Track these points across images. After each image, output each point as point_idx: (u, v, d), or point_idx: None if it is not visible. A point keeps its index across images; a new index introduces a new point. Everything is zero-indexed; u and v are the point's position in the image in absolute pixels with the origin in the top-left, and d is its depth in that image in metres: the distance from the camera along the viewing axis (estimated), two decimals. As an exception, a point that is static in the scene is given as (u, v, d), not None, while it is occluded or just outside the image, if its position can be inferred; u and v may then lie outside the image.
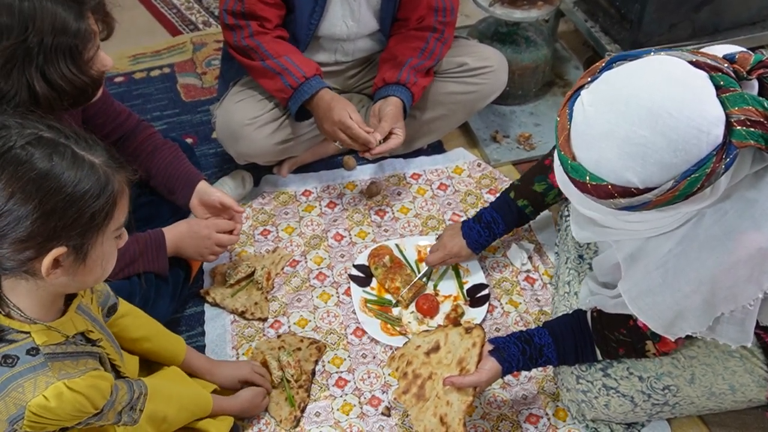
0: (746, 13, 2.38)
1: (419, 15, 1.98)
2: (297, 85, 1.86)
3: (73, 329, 1.15)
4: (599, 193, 1.09)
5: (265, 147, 2.00)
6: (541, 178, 1.73)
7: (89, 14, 1.32)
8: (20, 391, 1.07)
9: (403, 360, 1.55)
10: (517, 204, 1.76)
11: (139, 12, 2.92)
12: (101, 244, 1.08)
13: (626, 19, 2.32)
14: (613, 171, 1.07)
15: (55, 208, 1.00)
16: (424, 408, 1.47)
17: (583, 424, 1.59)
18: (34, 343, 1.09)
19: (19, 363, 1.07)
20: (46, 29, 1.25)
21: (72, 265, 1.06)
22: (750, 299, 1.18)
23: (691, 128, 1.03)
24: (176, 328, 1.80)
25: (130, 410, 1.24)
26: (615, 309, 1.40)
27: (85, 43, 1.31)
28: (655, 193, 1.06)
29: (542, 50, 2.34)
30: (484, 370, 1.44)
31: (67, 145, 1.03)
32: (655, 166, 1.04)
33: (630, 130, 1.04)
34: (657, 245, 1.22)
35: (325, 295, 1.88)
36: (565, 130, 1.13)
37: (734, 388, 1.43)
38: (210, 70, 2.60)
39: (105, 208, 1.05)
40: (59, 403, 1.08)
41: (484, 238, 1.80)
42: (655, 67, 1.08)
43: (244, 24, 1.86)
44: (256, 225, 2.07)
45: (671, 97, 1.04)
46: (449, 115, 2.16)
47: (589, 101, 1.10)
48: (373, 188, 2.13)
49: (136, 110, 2.41)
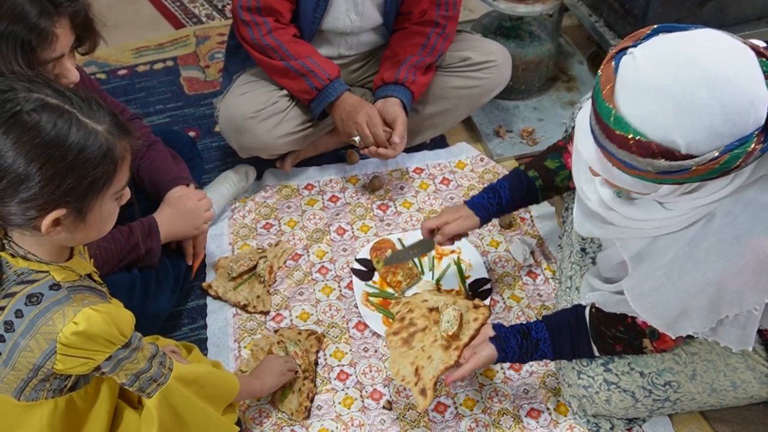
0: (751, 8, 2.37)
1: (422, 9, 1.98)
2: (322, 87, 1.89)
3: (82, 270, 1.21)
4: (641, 150, 1.05)
5: (268, 140, 2.00)
6: (555, 156, 1.65)
7: (61, 18, 1.31)
8: (50, 324, 1.11)
9: (406, 307, 1.59)
10: (527, 174, 1.65)
11: (142, 5, 2.92)
12: (100, 206, 1.12)
13: (630, 14, 2.31)
14: (660, 127, 1.03)
15: (57, 173, 1.05)
16: (405, 354, 1.50)
17: (584, 419, 1.59)
18: (54, 279, 1.14)
19: (44, 299, 1.12)
20: (3, 13, 1.24)
21: (72, 224, 1.11)
22: (756, 304, 1.17)
23: (745, 100, 1.01)
24: (178, 321, 1.80)
25: (160, 365, 1.24)
26: (616, 307, 1.39)
27: (41, 42, 1.29)
28: (696, 161, 1.03)
29: (546, 45, 2.34)
30: (481, 356, 1.45)
31: (71, 112, 1.06)
32: (704, 131, 1.02)
33: (686, 89, 1.01)
34: (665, 245, 1.21)
35: (327, 289, 1.89)
36: (610, 82, 1.08)
37: (735, 385, 1.43)
38: (213, 63, 2.60)
39: (106, 173, 1.09)
40: (88, 325, 1.11)
41: (487, 200, 1.66)
42: (713, 37, 1.06)
43: (261, 21, 1.86)
44: (259, 218, 2.07)
45: (730, 64, 1.02)
46: (452, 110, 2.16)
47: (643, 56, 1.06)
48: (375, 182, 2.13)
49: (138, 103, 2.43)
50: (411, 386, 1.45)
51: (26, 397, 1.19)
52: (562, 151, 1.64)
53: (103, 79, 2.54)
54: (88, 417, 1.29)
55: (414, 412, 1.63)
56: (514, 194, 1.65)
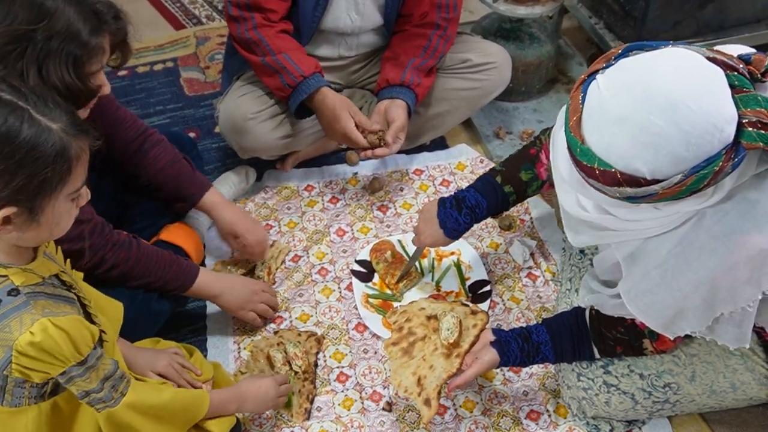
0: (751, 10, 2.38)
1: (422, 11, 1.98)
2: (295, 84, 1.86)
3: (47, 271, 1.17)
4: (606, 179, 1.08)
5: (268, 141, 2.00)
6: (528, 167, 1.63)
7: (106, 34, 1.36)
8: (7, 331, 1.08)
9: (403, 316, 1.57)
10: (504, 190, 1.63)
11: (142, 5, 2.92)
12: (53, 206, 1.09)
13: (630, 16, 2.31)
14: (622, 158, 1.06)
15: (6, 170, 1.03)
16: (406, 364, 1.49)
17: (584, 421, 1.59)
18: (13, 284, 1.11)
19: (2, 305, 1.09)
20: (58, 31, 1.29)
21: (24, 224, 1.08)
22: (749, 300, 1.18)
23: (707, 123, 1.02)
24: (178, 323, 1.80)
25: (112, 388, 1.21)
26: (613, 310, 1.40)
27: (91, 57, 1.34)
28: (662, 185, 1.05)
29: (546, 47, 2.34)
30: (483, 361, 1.45)
31: (24, 108, 1.04)
32: (666, 157, 1.03)
33: (646, 118, 1.03)
34: (657, 245, 1.22)
35: (326, 290, 1.89)
36: (577, 112, 1.11)
37: (735, 386, 1.44)
38: (213, 64, 2.60)
39: (59, 173, 1.07)
40: (44, 337, 1.08)
41: (464, 225, 1.64)
42: (676, 59, 1.07)
43: (248, 16, 1.86)
44: (259, 219, 2.07)
45: (691, 89, 1.03)
46: (452, 111, 2.16)
47: (605, 85, 1.08)
48: (375, 184, 2.13)
49: (138, 104, 2.43)
50: (414, 397, 1.44)
51: (8, 402, 1.18)
52: (534, 161, 1.62)
53: (103, 79, 2.54)
54: (74, 420, 1.27)
55: (414, 414, 1.63)
56: (490, 212, 1.66)
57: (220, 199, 1.82)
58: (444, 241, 1.67)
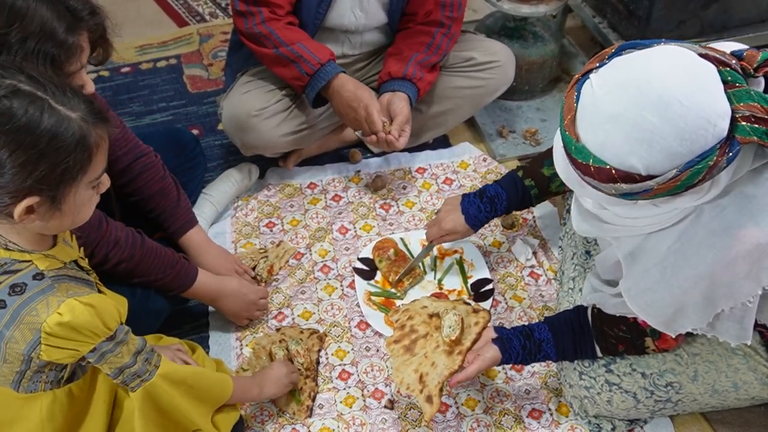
0: (755, 10, 2.38)
1: (427, 9, 1.98)
2: (313, 72, 1.86)
3: (67, 257, 1.20)
4: (601, 176, 1.09)
5: (271, 138, 1.99)
6: (551, 162, 1.64)
7: (83, 31, 1.33)
8: (34, 315, 1.10)
9: (405, 314, 1.58)
10: (524, 183, 1.68)
11: (145, 2, 2.92)
12: (75, 194, 1.11)
13: (634, 16, 2.31)
14: (617, 155, 1.07)
15: (28, 160, 1.04)
16: (408, 362, 1.49)
17: (586, 420, 1.60)
18: (37, 268, 1.14)
19: (27, 289, 1.12)
20: (32, 31, 1.26)
21: (46, 213, 1.10)
22: (749, 296, 1.18)
23: (699, 118, 1.03)
24: (180, 320, 1.80)
25: (145, 361, 1.23)
26: (615, 309, 1.40)
27: (69, 56, 1.31)
28: (657, 181, 1.06)
29: (549, 46, 2.34)
30: (485, 357, 1.45)
31: (44, 98, 1.06)
32: (660, 153, 1.04)
33: (639, 114, 1.04)
34: (656, 242, 1.22)
35: (329, 288, 1.89)
36: (572, 111, 1.13)
37: (737, 386, 1.44)
38: (216, 61, 2.60)
39: (80, 161, 1.08)
40: (72, 316, 1.11)
41: (484, 213, 1.70)
42: (668, 56, 1.08)
43: (255, 10, 1.86)
44: (262, 217, 2.07)
45: (683, 85, 1.04)
46: (455, 110, 2.15)
47: (599, 83, 1.10)
48: (378, 182, 2.13)
49: (141, 101, 2.44)
50: (416, 394, 1.44)
51: (24, 388, 1.19)
52: None
53: (106, 76, 2.54)
54: (88, 407, 1.29)
55: (416, 411, 1.63)
56: (510, 205, 1.71)
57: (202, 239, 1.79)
58: (463, 228, 1.72)
